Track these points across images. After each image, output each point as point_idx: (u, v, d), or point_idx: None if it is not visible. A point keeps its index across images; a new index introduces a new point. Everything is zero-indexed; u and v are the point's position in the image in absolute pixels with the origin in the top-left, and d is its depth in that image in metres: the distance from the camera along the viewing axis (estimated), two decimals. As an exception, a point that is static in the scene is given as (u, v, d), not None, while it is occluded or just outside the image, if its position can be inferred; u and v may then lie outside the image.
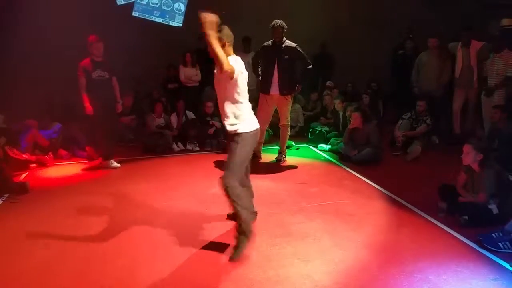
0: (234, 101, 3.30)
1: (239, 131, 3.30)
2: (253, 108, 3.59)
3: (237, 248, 3.26)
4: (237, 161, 3.28)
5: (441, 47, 6.59)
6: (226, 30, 3.29)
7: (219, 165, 5.67)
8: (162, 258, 3.27)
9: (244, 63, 3.39)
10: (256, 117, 3.53)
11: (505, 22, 6.13)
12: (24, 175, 5.44)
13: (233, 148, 3.29)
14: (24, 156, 5.70)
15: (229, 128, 3.32)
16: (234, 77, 3.18)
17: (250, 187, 3.72)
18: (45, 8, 7.20)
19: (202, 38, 3.08)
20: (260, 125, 3.54)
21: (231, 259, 3.22)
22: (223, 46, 3.17)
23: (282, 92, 5.54)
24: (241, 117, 3.32)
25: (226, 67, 3.04)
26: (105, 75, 5.48)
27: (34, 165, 5.76)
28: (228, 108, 3.30)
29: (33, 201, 4.53)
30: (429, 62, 6.68)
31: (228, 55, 3.23)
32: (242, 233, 3.27)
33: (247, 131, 3.32)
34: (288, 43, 5.50)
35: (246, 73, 3.36)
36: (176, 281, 2.96)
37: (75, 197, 4.60)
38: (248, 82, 3.41)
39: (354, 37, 9.07)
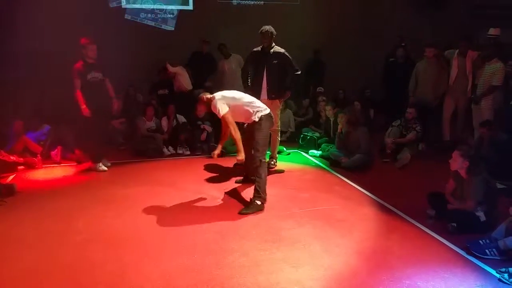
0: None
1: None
2: None
3: (249, 207, 4.19)
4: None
5: (438, 56, 6.62)
6: None
7: (210, 169, 5.66)
8: (151, 263, 3.24)
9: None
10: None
11: (491, 31, 6.22)
12: (11, 177, 5.36)
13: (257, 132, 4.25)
14: (12, 158, 5.61)
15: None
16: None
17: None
18: (36, 10, 7.14)
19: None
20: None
21: (240, 212, 4.14)
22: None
23: (270, 96, 5.56)
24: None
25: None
26: (99, 77, 5.48)
27: (22, 167, 5.68)
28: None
29: (20, 203, 4.46)
30: (426, 72, 6.63)
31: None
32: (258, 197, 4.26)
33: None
34: (277, 48, 5.52)
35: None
36: (165, 286, 2.94)
37: (63, 200, 4.54)
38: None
39: (346, 44, 9.15)
